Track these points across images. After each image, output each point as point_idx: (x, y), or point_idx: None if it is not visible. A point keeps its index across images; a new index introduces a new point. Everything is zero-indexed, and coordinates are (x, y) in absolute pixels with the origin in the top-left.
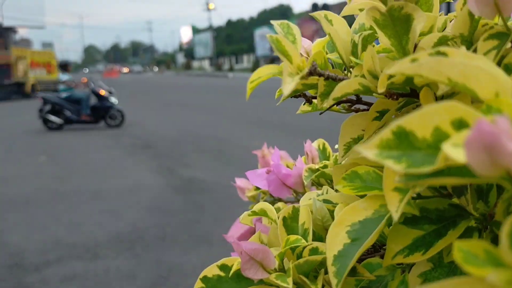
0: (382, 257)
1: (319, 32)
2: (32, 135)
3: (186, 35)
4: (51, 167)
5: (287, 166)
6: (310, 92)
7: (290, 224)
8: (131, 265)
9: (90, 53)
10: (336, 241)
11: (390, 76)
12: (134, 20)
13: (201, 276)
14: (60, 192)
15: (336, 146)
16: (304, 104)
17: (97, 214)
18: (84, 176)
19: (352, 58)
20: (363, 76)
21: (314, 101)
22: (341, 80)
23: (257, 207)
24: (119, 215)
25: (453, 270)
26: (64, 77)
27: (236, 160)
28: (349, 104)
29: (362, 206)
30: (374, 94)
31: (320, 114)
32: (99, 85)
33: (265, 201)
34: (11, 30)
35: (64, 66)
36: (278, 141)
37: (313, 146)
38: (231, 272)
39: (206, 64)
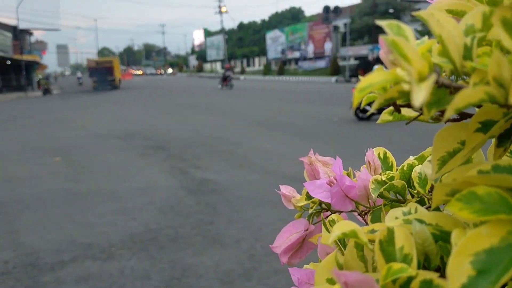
0: None
1: (330, 35)
2: (45, 138)
3: (198, 37)
4: (65, 168)
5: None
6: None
7: (386, 248)
8: (145, 265)
9: (104, 55)
10: (458, 272)
11: None
12: (147, 23)
13: None
14: (74, 193)
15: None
16: (392, 114)
17: (111, 214)
18: (98, 177)
19: (471, 63)
20: (486, 83)
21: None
22: (456, 88)
23: (345, 227)
24: (132, 216)
25: None
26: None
27: (248, 162)
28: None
29: (485, 232)
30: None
31: (406, 124)
32: None
33: (314, 211)
34: (26, 32)
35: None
36: (287, 143)
37: (375, 155)
38: None
39: (218, 66)
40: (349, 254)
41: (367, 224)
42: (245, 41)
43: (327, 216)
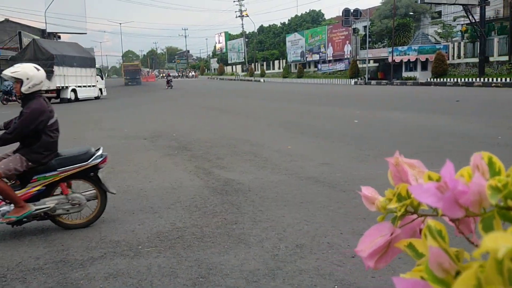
0: None
1: (349, 37)
2: (76, 138)
3: (219, 41)
4: None
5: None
6: None
7: None
8: (172, 263)
9: (128, 58)
10: None
11: None
12: (170, 27)
13: None
14: None
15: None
16: None
17: (139, 213)
18: (126, 176)
19: None
20: None
21: None
22: None
23: (501, 239)
24: (159, 215)
25: None
26: None
27: (271, 163)
28: None
29: None
30: None
31: None
32: None
33: (401, 215)
34: (54, 35)
35: None
36: (309, 144)
37: (483, 159)
38: None
39: (238, 69)
40: (490, 268)
41: (460, 230)
42: (265, 44)
43: (413, 220)
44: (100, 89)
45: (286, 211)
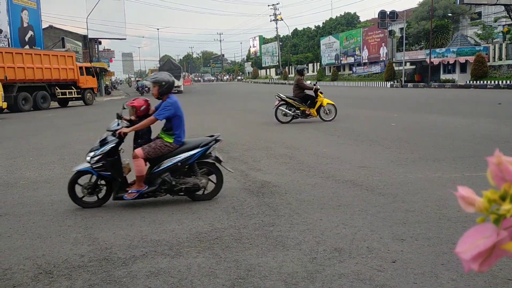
0: None
1: (385, 40)
2: None
3: (254, 45)
4: None
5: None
6: None
7: None
8: (211, 264)
9: (165, 62)
10: None
11: None
12: (206, 32)
13: None
14: None
15: None
16: None
17: (178, 213)
18: None
19: None
20: None
21: None
22: None
23: None
24: (198, 215)
25: None
26: None
27: (306, 166)
28: None
29: None
30: None
31: None
32: None
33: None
34: (95, 41)
35: None
36: (345, 147)
37: None
38: None
39: (272, 72)
40: None
41: None
42: (299, 47)
43: None
44: (181, 86)
45: (323, 214)
